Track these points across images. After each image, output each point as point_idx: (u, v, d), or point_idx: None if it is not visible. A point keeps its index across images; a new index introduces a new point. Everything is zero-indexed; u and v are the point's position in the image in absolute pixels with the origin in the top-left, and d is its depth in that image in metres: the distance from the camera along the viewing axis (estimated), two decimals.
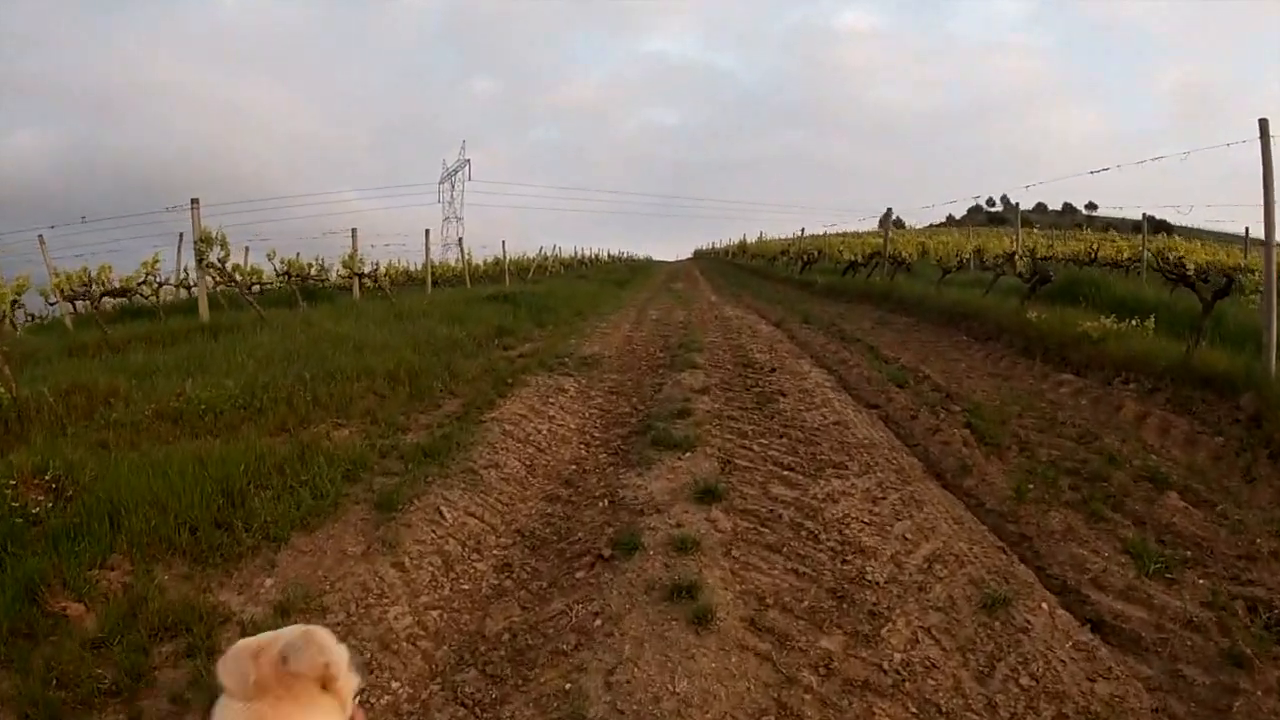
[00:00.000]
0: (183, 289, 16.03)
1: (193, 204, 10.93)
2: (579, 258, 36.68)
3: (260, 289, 16.05)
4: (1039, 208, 63.35)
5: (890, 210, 16.98)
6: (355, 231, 14.26)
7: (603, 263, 41.09)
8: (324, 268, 15.67)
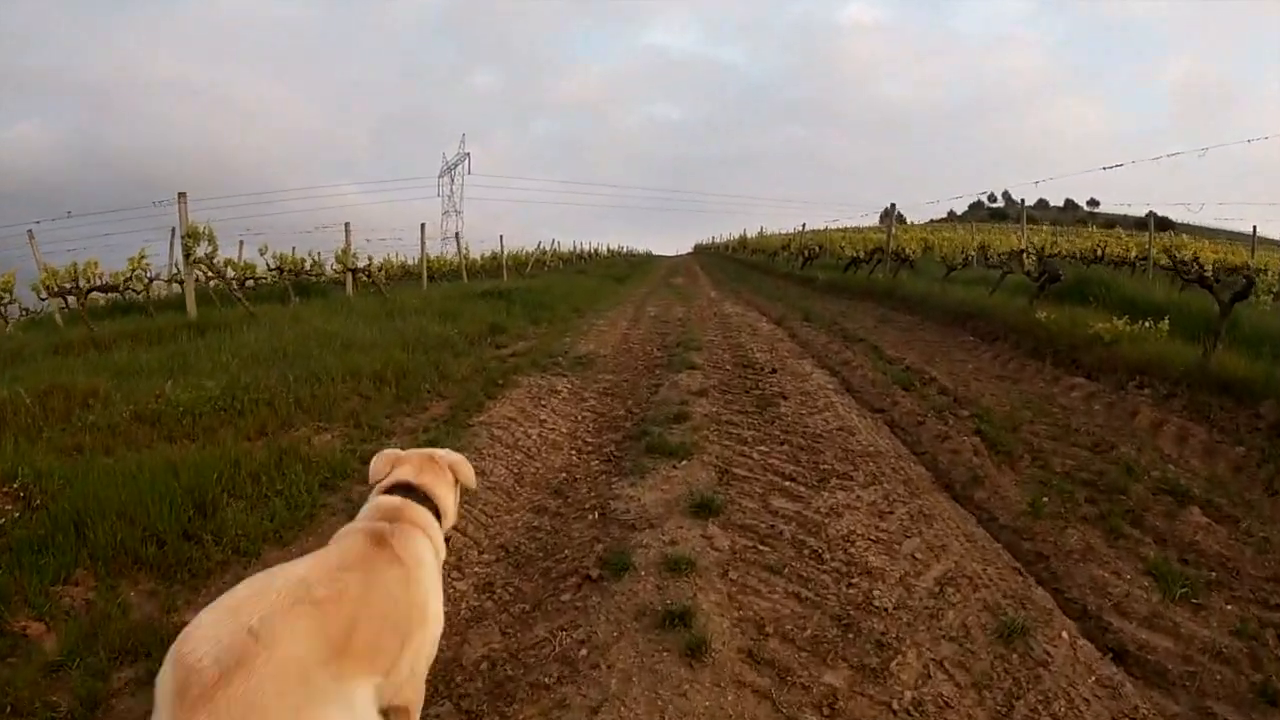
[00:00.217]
0: (175, 284, 15.81)
1: (179, 198, 10.67)
2: (578, 252, 36.45)
3: (255, 284, 15.83)
4: (1041, 204, 63.14)
5: (894, 205, 16.73)
6: (348, 226, 14.00)
7: (602, 257, 40.85)
8: (318, 262, 15.46)
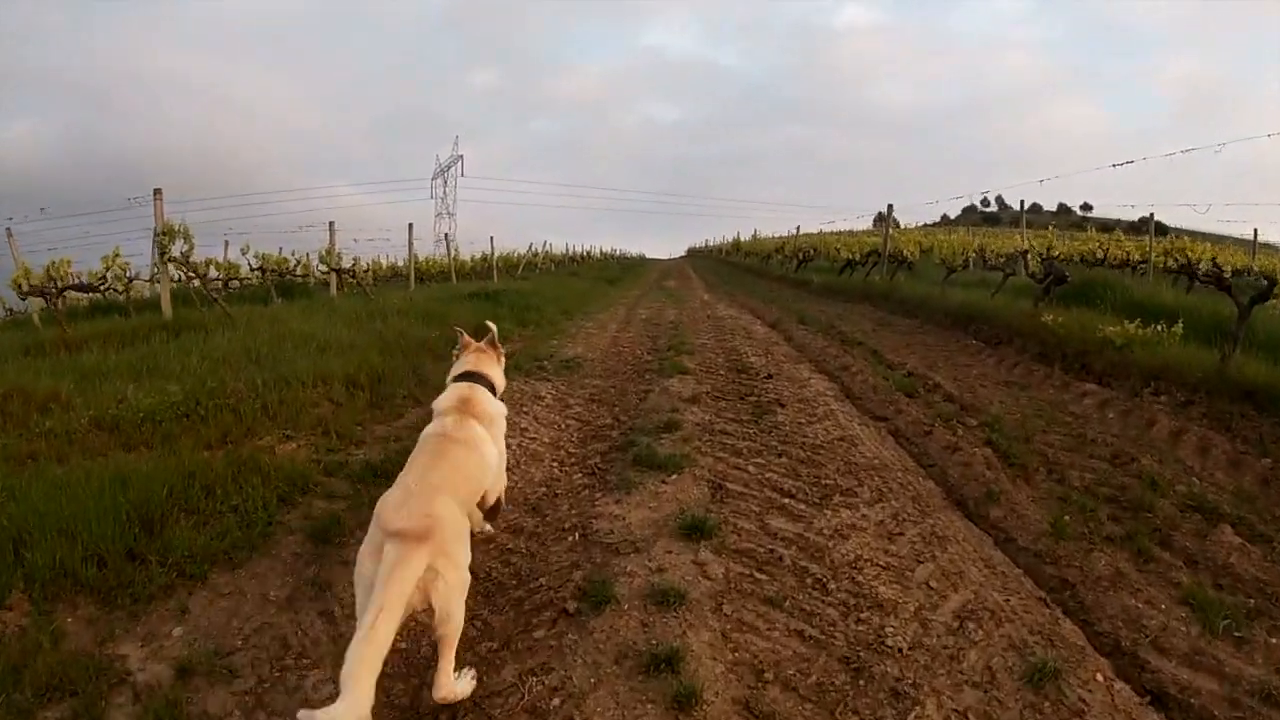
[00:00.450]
0: (156, 284, 15.42)
1: (155, 194, 10.30)
2: (571, 255, 36.11)
3: (240, 285, 15.44)
4: (1034, 208, 62.98)
5: (891, 207, 16.46)
6: (332, 225, 13.62)
7: (595, 260, 40.51)
8: (304, 262, 15.09)
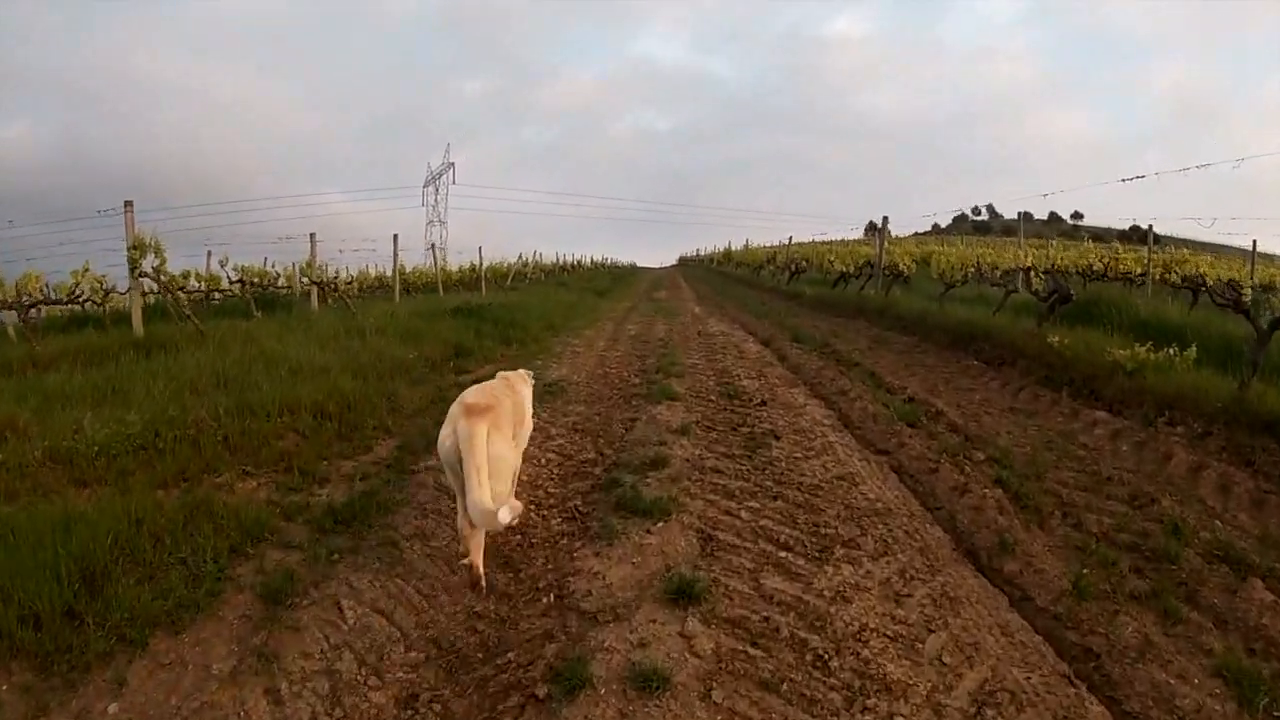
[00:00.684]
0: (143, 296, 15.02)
1: (126, 206, 9.91)
2: (561, 264, 35.80)
3: (221, 297, 15.05)
4: (1025, 217, 63.16)
5: (886, 219, 16.19)
6: (313, 237, 13.24)
7: (585, 269, 40.24)
8: (289, 274, 14.71)
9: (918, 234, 45.08)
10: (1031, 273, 8.71)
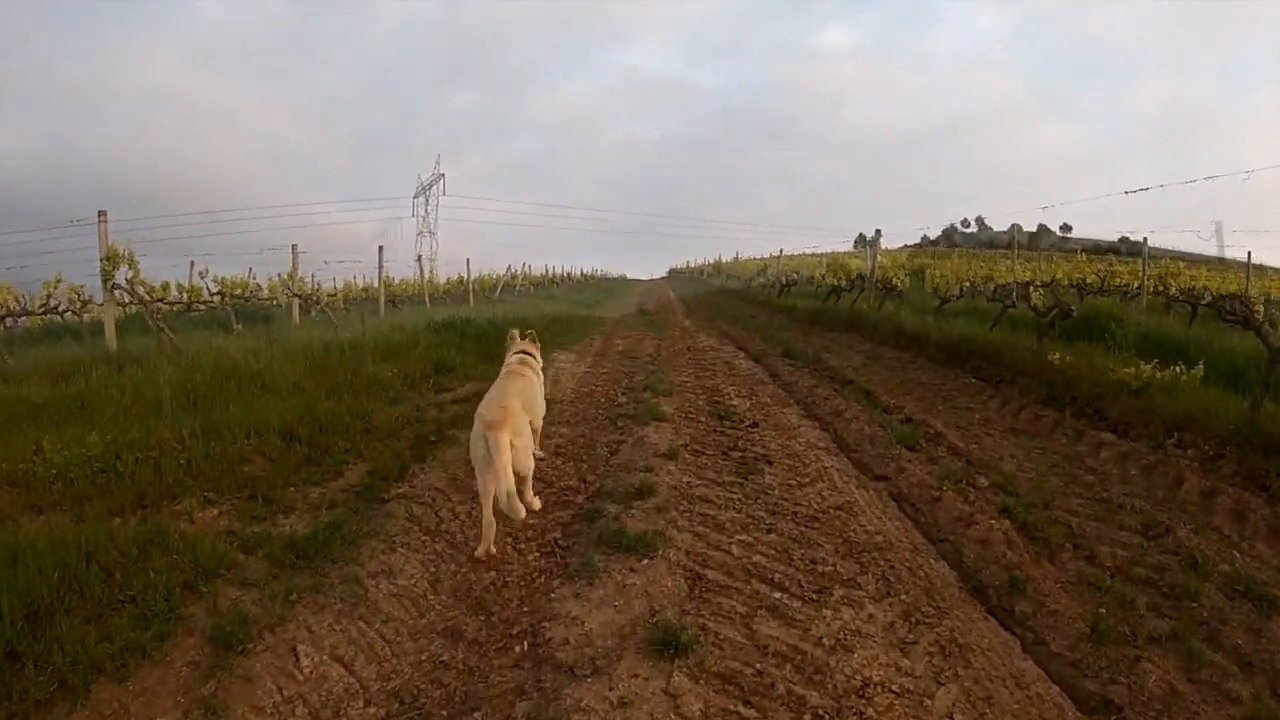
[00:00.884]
0: (118, 307, 14.69)
1: (99, 216, 9.61)
2: (550, 277, 35.60)
3: (203, 308, 14.73)
4: (1014, 229, 63.50)
5: (879, 232, 16.05)
6: (295, 248, 12.96)
7: (575, 281, 40.06)
8: (269, 286, 14.43)
9: (907, 245, 45.13)
10: (1031, 287, 8.52)
